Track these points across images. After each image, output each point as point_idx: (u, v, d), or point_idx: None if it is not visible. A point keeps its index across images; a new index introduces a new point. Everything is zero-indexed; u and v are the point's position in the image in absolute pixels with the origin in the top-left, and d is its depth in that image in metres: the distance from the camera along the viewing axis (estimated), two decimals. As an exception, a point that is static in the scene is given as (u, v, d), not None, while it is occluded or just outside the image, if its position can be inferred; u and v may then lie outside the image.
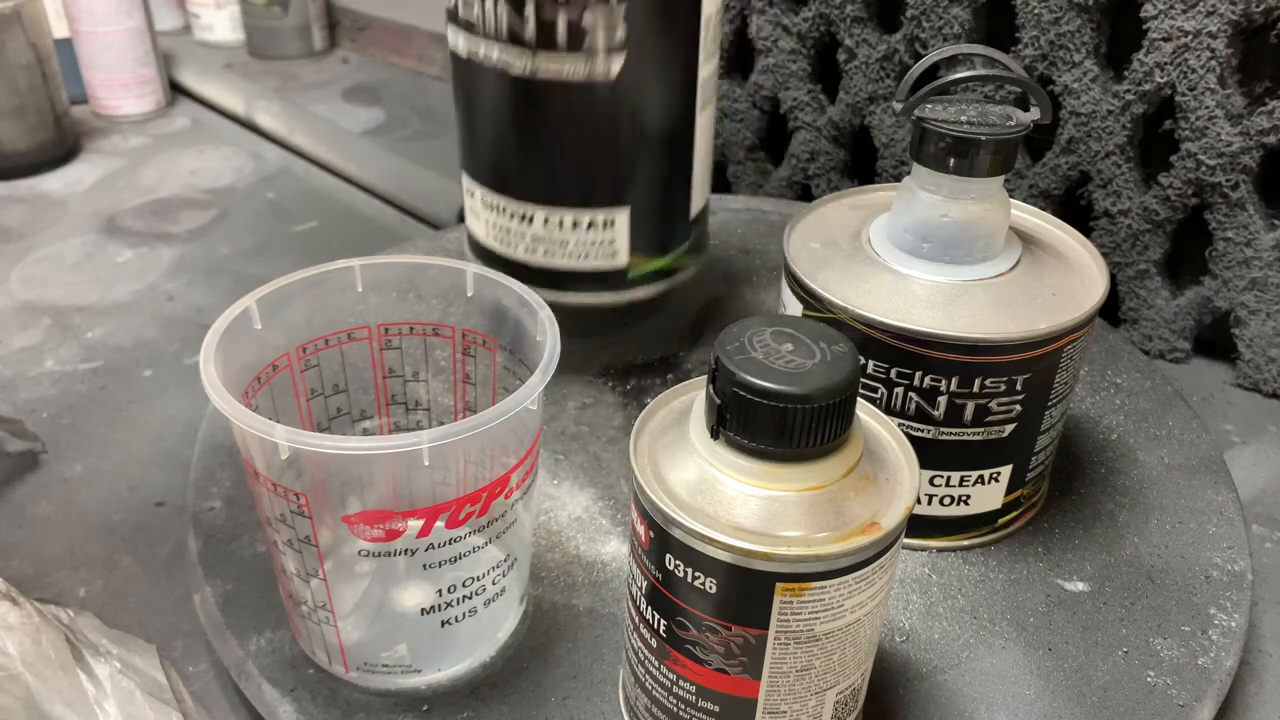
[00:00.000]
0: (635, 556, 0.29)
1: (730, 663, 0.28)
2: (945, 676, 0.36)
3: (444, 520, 0.30)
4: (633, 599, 0.30)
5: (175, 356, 0.57)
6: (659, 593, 0.28)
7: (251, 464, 0.31)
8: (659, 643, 0.29)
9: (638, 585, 0.29)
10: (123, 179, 0.78)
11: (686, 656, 0.29)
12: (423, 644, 0.34)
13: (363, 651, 0.34)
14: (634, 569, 0.30)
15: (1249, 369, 0.55)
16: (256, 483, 0.31)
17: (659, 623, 0.29)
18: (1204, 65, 0.49)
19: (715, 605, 0.27)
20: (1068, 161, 0.56)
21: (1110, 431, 0.48)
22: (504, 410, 0.29)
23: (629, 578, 0.30)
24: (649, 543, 0.28)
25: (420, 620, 0.33)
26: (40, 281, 0.64)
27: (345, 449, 0.28)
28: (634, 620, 0.30)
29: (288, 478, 0.30)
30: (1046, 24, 0.53)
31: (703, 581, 0.27)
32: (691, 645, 0.28)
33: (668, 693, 0.30)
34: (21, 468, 0.48)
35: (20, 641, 0.35)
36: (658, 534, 0.27)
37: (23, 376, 0.55)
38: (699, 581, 0.27)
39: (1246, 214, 0.51)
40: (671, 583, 0.28)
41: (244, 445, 0.31)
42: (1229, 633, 0.37)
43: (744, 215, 0.66)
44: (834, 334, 0.28)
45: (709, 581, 0.27)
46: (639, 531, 0.28)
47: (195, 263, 0.67)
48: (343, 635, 0.33)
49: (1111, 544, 0.42)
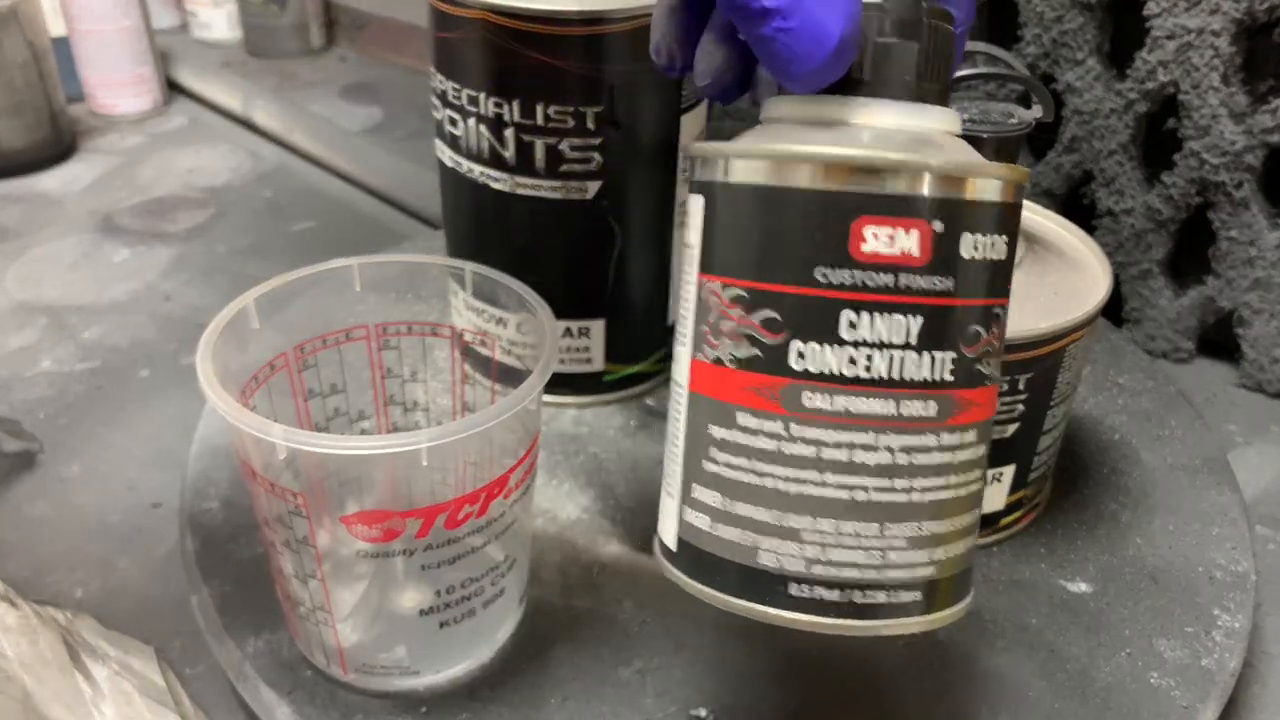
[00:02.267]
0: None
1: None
2: (947, 677, 0.36)
3: (442, 520, 0.30)
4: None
5: (172, 356, 0.57)
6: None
7: (249, 464, 0.30)
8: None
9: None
10: (120, 178, 0.78)
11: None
12: (421, 646, 0.34)
13: (361, 653, 0.33)
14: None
15: (1252, 369, 0.54)
16: (254, 483, 0.31)
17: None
18: (1207, 63, 0.49)
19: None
20: (1070, 160, 0.56)
21: (1113, 432, 0.48)
22: (503, 410, 0.29)
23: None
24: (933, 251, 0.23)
25: (419, 622, 0.33)
26: (37, 281, 0.64)
27: (343, 449, 0.28)
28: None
29: (285, 478, 0.30)
30: (1049, 21, 0.53)
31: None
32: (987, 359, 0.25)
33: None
34: (18, 468, 0.48)
35: (17, 643, 0.34)
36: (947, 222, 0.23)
37: (19, 377, 0.55)
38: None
39: (1250, 213, 0.51)
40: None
41: (241, 446, 0.30)
42: (1233, 634, 0.37)
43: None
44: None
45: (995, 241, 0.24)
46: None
47: (193, 262, 0.67)
48: (341, 637, 0.33)
49: (1114, 545, 0.41)
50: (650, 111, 0.42)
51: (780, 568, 0.24)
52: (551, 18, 0.39)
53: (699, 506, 0.26)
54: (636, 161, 0.43)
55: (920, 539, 0.24)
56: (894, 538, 0.24)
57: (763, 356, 0.24)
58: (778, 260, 0.23)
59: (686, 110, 0.44)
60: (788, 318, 0.23)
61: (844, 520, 0.24)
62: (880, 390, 0.23)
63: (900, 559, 0.24)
